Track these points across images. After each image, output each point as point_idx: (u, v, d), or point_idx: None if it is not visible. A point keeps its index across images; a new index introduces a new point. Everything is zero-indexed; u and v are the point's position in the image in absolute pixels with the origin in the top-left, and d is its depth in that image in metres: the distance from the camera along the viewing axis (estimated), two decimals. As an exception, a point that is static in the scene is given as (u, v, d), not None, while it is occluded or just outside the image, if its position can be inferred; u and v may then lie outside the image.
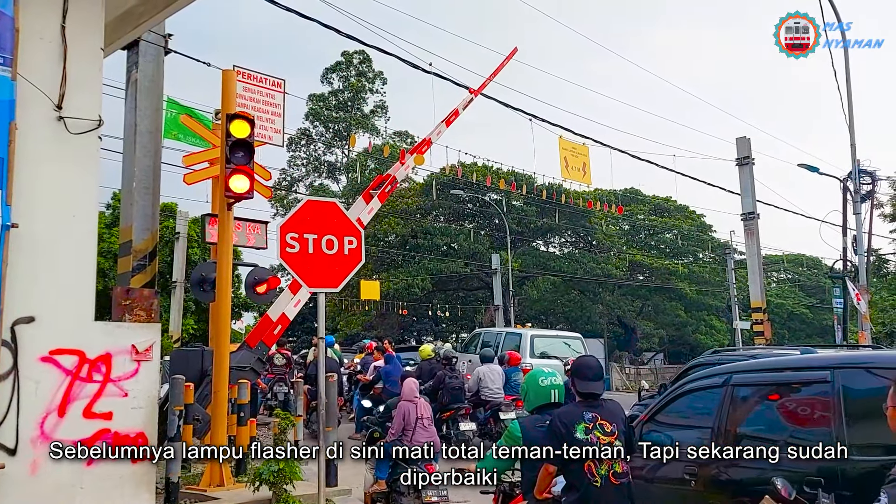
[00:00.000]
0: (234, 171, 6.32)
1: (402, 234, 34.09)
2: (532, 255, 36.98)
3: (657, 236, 39.72)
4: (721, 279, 38.20)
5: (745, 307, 30.84)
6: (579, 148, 16.76)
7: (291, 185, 45.16)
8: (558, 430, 3.56)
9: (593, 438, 3.53)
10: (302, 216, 5.78)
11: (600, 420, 3.58)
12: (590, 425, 3.56)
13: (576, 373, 3.75)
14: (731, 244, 35.51)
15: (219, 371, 6.81)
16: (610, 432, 3.56)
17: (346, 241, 5.96)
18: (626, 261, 37.04)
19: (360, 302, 32.19)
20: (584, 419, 3.57)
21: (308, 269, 5.72)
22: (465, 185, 31.27)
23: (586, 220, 35.82)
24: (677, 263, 37.31)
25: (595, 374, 3.73)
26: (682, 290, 36.60)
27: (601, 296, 37.05)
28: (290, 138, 41.49)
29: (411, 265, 33.39)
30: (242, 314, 30.06)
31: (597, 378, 3.73)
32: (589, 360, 3.83)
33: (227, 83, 6.99)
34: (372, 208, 10.30)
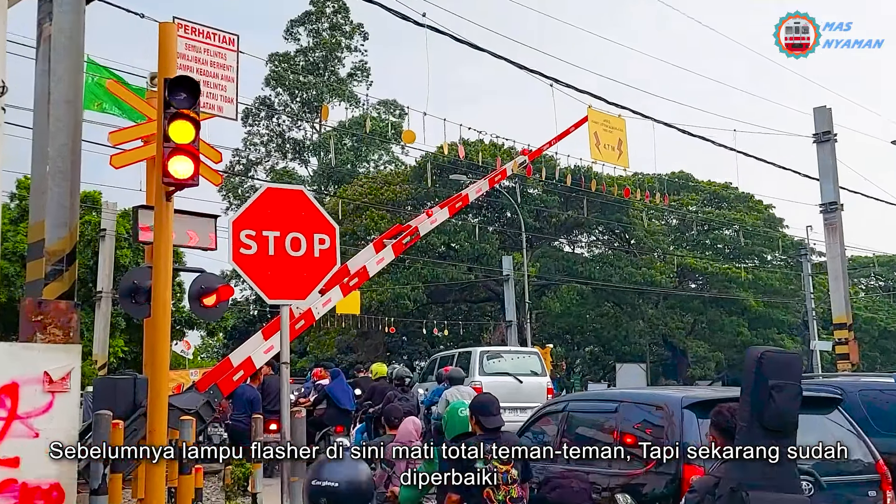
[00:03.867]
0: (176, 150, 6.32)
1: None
2: (554, 258, 37.00)
3: (713, 233, 39.76)
4: (795, 288, 38.23)
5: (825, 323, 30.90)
6: (614, 121, 16.76)
7: (248, 170, 45.27)
8: (463, 459, 4.93)
9: (491, 468, 4.98)
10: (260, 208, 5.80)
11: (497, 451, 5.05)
12: (488, 455, 4.99)
13: (480, 410, 5.29)
14: (807, 243, 35.57)
15: (155, 404, 6.81)
16: (506, 461, 5.03)
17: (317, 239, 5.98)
18: (674, 265, 37.11)
19: (335, 317, 32.21)
20: (484, 450, 4.99)
21: (268, 276, 5.74)
22: (467, 168, 31.31)
23: (623, 213, 35.87)
24: (739, 268, 37.36)
25: (497, 408, 5.36)
26: (744, 302, 36.65)
27: (642, 309, 37.06)
28: (245, 110, 41.57)
29: (400, 271, 33.42)
30: (186, 333, 30.05)
31: (497, 412, 5.32)
32: (491, 398, 5.52)
33: (165, 40, 6.99)
34: (383, 258, 10.86)
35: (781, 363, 3.83)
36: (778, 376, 3.75)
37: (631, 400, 6.41)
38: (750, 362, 3.82)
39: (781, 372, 3.78)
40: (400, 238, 11.29)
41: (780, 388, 3.73)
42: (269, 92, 44.51)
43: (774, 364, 3.78)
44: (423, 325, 35.17)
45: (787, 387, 3.75)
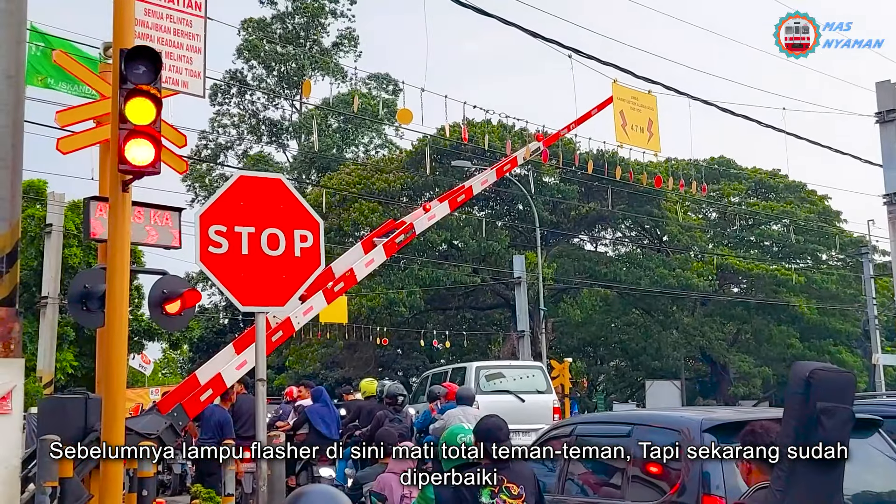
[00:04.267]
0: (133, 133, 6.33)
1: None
2: (573, 257, 37.03)
3: (758, 229, 39.78)
4: (854, 292, 38.20)
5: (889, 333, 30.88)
6: (643, 98, 16.75)
7: (216, 156, 45.35)
8: (463, 494, 4.91)
9: (499, 502, 4.94)
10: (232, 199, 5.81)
11: (507, 483, 4.99)
12: (496, 489, 4.94)
13: (486, 435, 5.21)
14: (868, 240, 35.58)
15: (110, 428, 6.83)
16: (517, 495, 4.97)
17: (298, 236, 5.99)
18: (713, 265, 37.11)
19: (318, 327, 32.25)
20: (490, 482, 4.95)
21: (240, 279, 5.75)
22: (472, 153, 31.34)
23: (653, 206, 35.89)
24: (789, 269, 37.38)
25: (504, 434, 5.26)
26: (795, 309, 36.66)
27: (676, 317, 37.07)
28: (213, 86, 41.60)
29: (394, 272, 33.48)
30: (146, 345, 30.14)
31: (506, 438, 5.23)
32: (497, 421, 5.40)
33: (121, 3, 7.01)
34: (372, 259, 10.86)
35: (834, 384, 3.80)
36: (829, 399, 3.74)
37: (645, 423, 6.57)
38: (796, 381, 3.80)
39: (833, 394, 3.76)
40: (393, 236, 11.28)
41: (830, 413, 3.72)
42: (242, 65, 44.61)
43: (825, 385, 3.75)
44: (421, 336, 35.23)
45: (839, 411, 3.75)
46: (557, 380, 26.74)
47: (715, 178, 36.97)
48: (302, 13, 44.38)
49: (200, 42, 8.63)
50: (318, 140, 36.96)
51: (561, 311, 36.71)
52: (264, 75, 45.05)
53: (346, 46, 45.90)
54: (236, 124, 45.82)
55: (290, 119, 45.71)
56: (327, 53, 44.43)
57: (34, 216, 22.88)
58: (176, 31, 8.47)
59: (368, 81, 43.94)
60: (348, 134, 44.40)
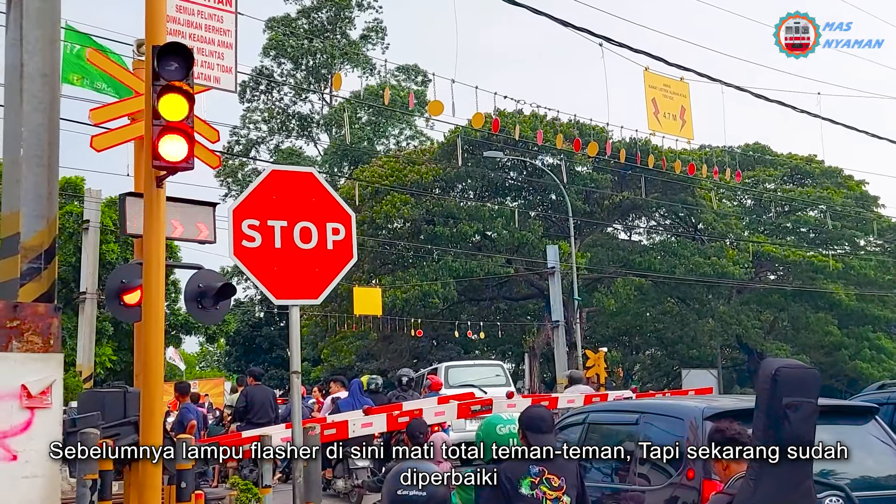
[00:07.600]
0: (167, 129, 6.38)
1: (413, 219, 34.20)
2: (607, 247, 36.87)
3: (795, 215, 39.38)
4: (893, 277, 37.74)
5: (930, 319, 30.43)
6: (675, 85, 16.64)
7: (248, 150, 45.62)
8: (502, 485, 4.80)
9: (539, 494, 4.82)
10: (264, 194, 5.84)
11: (548, 474, 4.87)
12: (536, 479, 4.83)
13: (527, 425, 5.07)
14: (907, 225, 35.05)
15: (149, 421, 6.91)
16: (557, 487, 4.86)
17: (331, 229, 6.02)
18: (749, 253, 36.77)
19: (353, 319, 32.39)
20: (531, 473, 4.85)
21: (274, 273, 5.78)
22: (505, 144, 31.26)
23: (687, 193, 35.62)
24: (826, 255, 36.98)
25: (548, 425, 5.12)
26: (833, 296, 36.28)
27: (712, 305, 36.82)
28: (243, 83, 41.83)
29: (428, 264, 33.51)
30: (183, 339, 30.47)
31: (549, 430, 5.12)
32: (542, 412, 5.29)
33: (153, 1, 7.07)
34: (444, 412, 11.97)
35: (799, 380, 4.19)
36: (794, 394, 4.11)
37: (652, 411, 6.98)
38: (764, 378, 4.18)
39: (798, 389, 4.13)
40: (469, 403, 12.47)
41: (795, 407, 4.12)
42: (270, 62, 44.75)
43: (791, 381, 4.12)
44: (456, 327, 35.27)
45: (803, 405, 4.13)
46: (593, 369, 26.68)
47: (750, 165, 36.63)
48: (328, 7, 44.43)
49: (231, 37, 8.67)
50: (349, 133, 36.99)
51: (595, 301, 36.60)
52: (292, 70, 45.19)
53: (373, 38, 45.93)
54: (266, 120, 46.05)
55: (321, 112, 45.85)
56: (355, 46, 44.46)
57: (72, 213, 23.19)
58: (207, 26, 8.52)
59: (397, 73, 43.96)
60: (379, 126, 44.45)
